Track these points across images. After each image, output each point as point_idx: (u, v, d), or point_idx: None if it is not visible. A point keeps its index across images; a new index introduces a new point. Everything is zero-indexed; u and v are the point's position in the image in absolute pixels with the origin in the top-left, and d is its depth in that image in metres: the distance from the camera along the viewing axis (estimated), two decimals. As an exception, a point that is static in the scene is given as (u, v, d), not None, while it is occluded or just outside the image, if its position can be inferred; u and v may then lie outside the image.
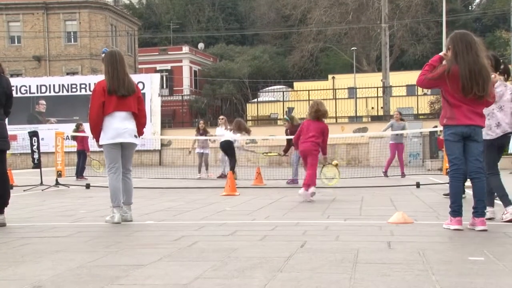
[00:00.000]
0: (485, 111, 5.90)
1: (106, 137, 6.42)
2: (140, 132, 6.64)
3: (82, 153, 17.22)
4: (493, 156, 6.23)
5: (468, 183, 5.73)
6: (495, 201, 6.36)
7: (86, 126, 19.86)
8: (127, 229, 6.03)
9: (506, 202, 6.10)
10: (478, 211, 5.45)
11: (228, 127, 15.57)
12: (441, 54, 5.70)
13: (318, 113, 9.37)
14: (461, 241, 4.90)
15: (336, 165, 11.13)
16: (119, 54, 6.61)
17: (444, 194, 9.54)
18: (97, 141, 6.55)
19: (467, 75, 5.31)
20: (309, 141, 9.29)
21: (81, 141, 17.24)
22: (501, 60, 6.38)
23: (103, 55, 6.66)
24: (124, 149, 6.54)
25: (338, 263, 3.95)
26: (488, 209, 6.13)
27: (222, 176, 15.83)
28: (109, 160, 6.47)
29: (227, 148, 14.66)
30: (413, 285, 3.31)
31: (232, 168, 14.09)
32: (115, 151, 6.47)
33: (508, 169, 17.13)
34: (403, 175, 16.03)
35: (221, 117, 16.94)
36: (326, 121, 9.92)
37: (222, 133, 15.58)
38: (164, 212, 7.54)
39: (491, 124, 6.14)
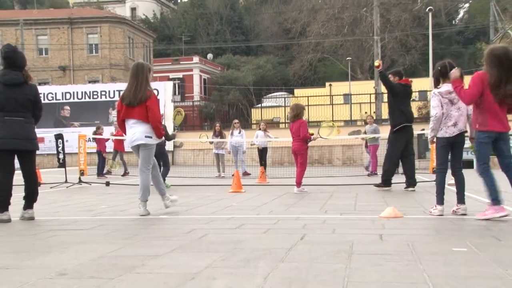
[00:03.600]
0: (445, 111, 6.00)
1: (127, 142, 6.78)
2: (156, 134, 6.70)
3: (101, 153, 17.22)
4: (447, 153, 6.18)
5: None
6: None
7: (105, 130, 19.96)
8: (143, 222, 6.05)
9: (439, 200, 6.12)
10: None
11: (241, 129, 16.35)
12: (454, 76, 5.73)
13: (294, 116, 9.88)
14: (446, 234, 4.89)
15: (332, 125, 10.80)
16: (134, 68, 6.69)
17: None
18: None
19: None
20: (295, 141, 9.83)
21: (99, 142, 17.27)
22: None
23: None
24: (140, 150, 6.72)
25: (335, 254, 3.95)
26: (460, 206, 6.09)
27: (245, 173, 15.99)
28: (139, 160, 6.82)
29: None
30: (403, 274, 3.30)
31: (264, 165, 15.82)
32: (137, 154, 6.80)
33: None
34: (372, 173, 15.34)
35: (235, 120, 17.08)
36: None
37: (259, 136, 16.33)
38: (177, 207, 7.54)
39: (448, 123, 6.10)
